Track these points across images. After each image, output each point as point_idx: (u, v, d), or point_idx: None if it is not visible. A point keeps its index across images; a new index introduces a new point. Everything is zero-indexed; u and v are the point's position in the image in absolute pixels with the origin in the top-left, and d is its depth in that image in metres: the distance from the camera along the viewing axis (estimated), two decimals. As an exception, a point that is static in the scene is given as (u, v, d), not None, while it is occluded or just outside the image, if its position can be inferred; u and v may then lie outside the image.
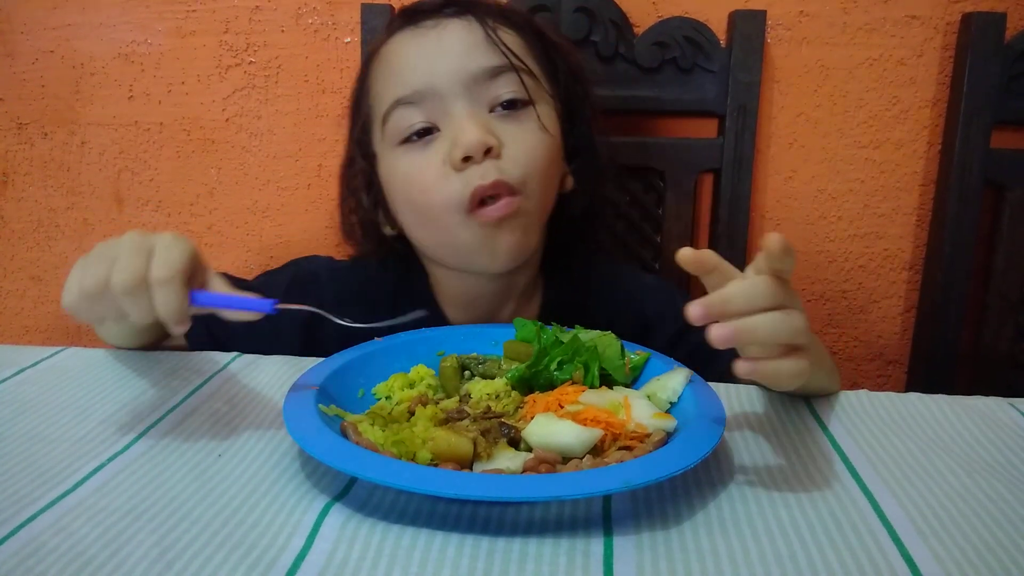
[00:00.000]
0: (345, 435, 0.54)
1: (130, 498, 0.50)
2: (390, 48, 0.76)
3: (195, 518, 0.47)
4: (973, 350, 1.08)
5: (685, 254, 0.50)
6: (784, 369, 0.50)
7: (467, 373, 0.66)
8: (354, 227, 0.83)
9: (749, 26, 1.00)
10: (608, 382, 0.63)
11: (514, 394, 0.61)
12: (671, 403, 0.59)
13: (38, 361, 0.72)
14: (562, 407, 0.56)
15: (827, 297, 1.13)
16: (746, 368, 0.50)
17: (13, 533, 0.46)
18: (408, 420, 0.58)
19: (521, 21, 0.77)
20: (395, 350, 0.67)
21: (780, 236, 0.48)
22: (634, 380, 0.65)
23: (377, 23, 1.01)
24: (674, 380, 0.60)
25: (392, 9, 1.01)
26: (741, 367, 0.50)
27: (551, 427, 0.53)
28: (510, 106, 0.72)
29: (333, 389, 0.60)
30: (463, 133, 0.69)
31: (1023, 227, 1.04)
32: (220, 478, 0.52)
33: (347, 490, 0.51)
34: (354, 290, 0.81)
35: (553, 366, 0.62)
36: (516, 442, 0.54)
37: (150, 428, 0.59)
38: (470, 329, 0.72)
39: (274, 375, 0.69)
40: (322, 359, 0.65)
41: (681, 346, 0.72)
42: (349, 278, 0.84)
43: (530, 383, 0.63)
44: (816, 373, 0.57)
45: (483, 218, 0.70)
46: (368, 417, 0.57)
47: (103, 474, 0.52)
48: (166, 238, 0.56)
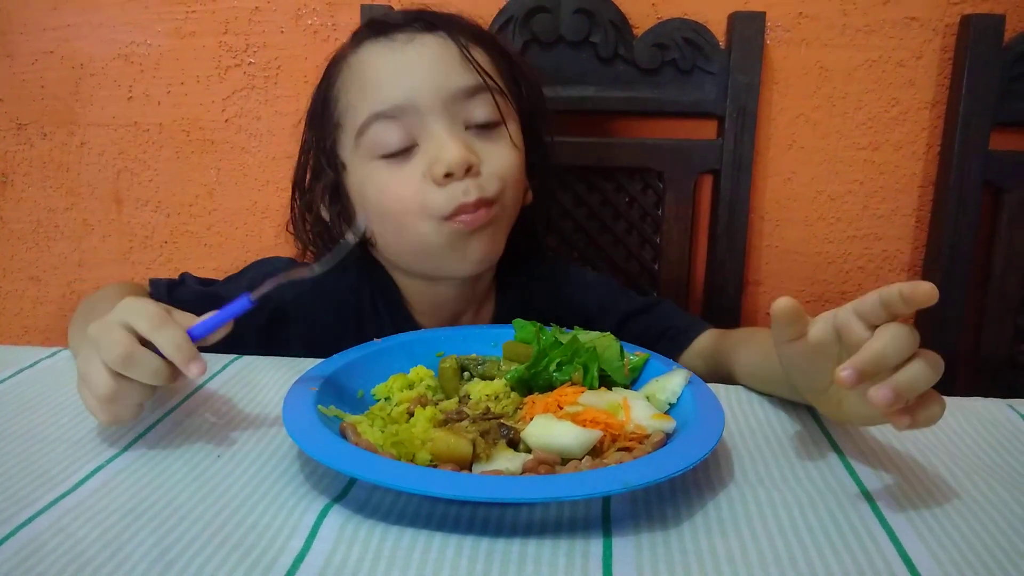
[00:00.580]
0: (344, 436, 0.54)
1: (130, 498, 0.50)
2: (361, 59, 0.76)
3: (194, 519, 0.47)
4: (972, 351, 1.08)
5: (784, 305, 0.51)
6: (937, 414, 0.49)
7: (466, 374, 0.66)
8: (313, 235, 0.83)
9: (748, 28, 1.01)
10: (607, 383, 0.63)
11: (513, 395, 0.61)
12: (670, 404, 0.59)
13: (37, 361, 0.72)
14: (561, 408, 0.56)
15: (826, 298, 1.13)
16: (905, 423, 0.48)
17: (13, 534, 0.46)
18: (407, 421, 0.58)
19: (489, 40, 0.80)
20: (394, 351, 0.68)
21: (929, 285, 0.47)
22: (633, 381, 0.65)
23: (377, 24, 1.01)
24: (673, 381, 0.60)
25: (392, 9, 1.01)
26: (902, 423, 0.48)
27: (550, 428, 0.53)
28: (485, 125, 0.75)
29: (332, 390, 0.60)
30: (445, 151, 0.71)
31: (1022, 228, 1.04)
32: (219, 479, 0.52)
33: (346, 491, 0.51)
34: (316, 290, 0.81)
35: (552, 367, 0.62)
36: (515, 443, 0.54)
37: (150, 429, 0.59)
38: (470, 330, 0.73)
39: (273, 376, 0.69)
40: (322, 359, 0.65)
41: (622, 337, 0.73)
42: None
43: (529, 384, 0.63)
44: None
45: (458, 224, 0.72)
46: (367, 418, 0.57)
47: (103, 475, 0.52)
48: (123, 303, 0.55)
